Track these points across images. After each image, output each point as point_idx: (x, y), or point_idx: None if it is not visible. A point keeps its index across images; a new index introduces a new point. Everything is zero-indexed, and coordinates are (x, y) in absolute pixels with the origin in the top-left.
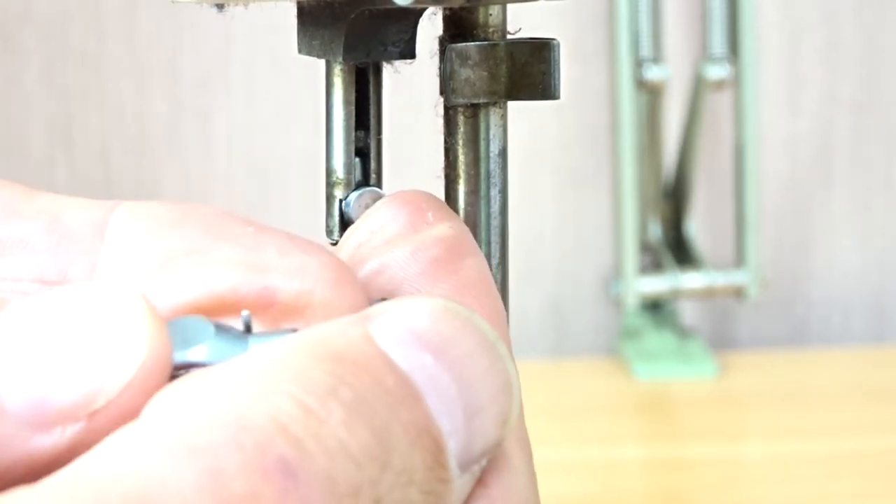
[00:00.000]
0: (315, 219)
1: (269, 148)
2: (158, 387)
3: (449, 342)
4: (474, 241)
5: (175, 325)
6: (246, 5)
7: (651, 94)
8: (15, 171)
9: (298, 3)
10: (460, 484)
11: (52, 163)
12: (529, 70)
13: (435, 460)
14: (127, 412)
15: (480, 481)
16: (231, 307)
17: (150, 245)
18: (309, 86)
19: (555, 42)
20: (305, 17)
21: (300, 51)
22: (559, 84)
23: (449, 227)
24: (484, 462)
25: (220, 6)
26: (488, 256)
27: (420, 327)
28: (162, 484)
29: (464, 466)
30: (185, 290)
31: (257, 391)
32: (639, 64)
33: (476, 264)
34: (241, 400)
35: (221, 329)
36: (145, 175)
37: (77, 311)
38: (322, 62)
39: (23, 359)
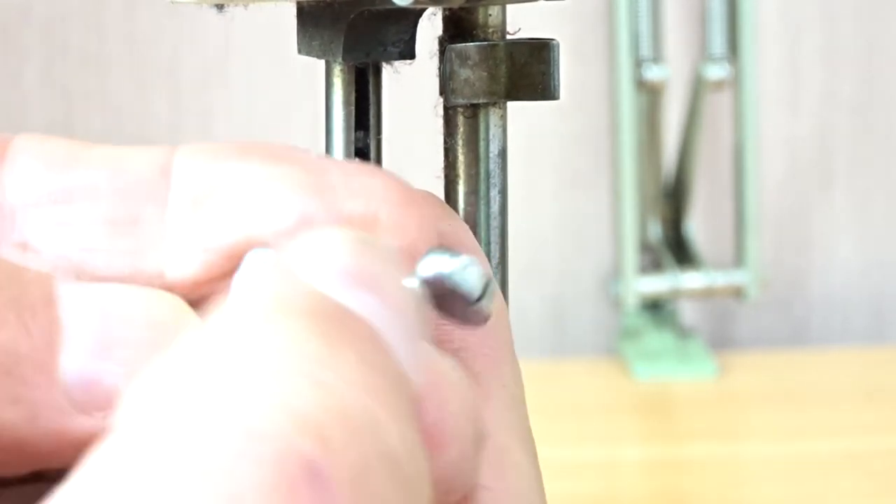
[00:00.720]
0: None
1: None
2: None
3: (379, 276)
4: (475, 240)
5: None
6: (246, 5)
7: (651, 94)
8: None
9: (298, 4)
10: None
11: None
12: (529, 70)
13: (410, 403)
14: None
15: (485, 485)
16: (298, 228)
17: (217, 176)
18: (309, 86)
19: (554, 42)
20: (305, 18)
21: (300, 51)
22: (559, 84)
23: (448, 226)
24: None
25: (220, 6)
26: (488, 256)
27: (348, 266)
28: None
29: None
30: (258, 214)
31: (257, 378)
32: (639, 64)
33: None
34: (240, 394)
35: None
36: None
37: (135, 313)
38: (322, 62)
39: (89, 337)
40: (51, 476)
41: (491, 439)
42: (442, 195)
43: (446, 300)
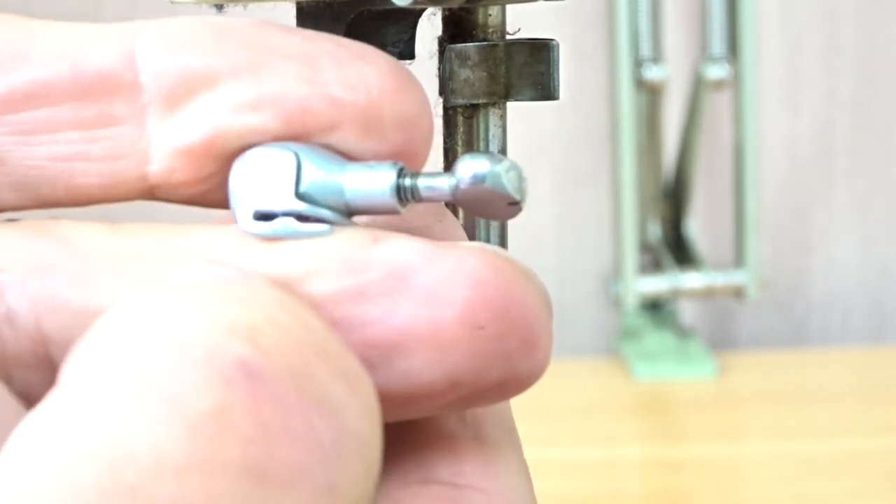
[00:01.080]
0: None
1: None
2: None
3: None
4: (465, 235)
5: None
6: (245, 5)
7: (651, 94)
8: None
9: (298, 4)
10: None
11: None
12: (529, 70)
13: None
14: None
15: (479, 487)
16: (299, 128)
17: (193, 67)
18: None
19: (554, 42)
20: (305, 18)
21: None
22: (559, 84)
23: (440, 222)
24: None
25: (220, 6)
26: None
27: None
28: (127, 434)
29: None
30: (250, 111)
31: (182, 304)
32: (638, 64)
33: None
34: (168, 319)
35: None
36: None
37: None
38: None
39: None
40: None
41: (481, 439)
42: None
43: (483, 199)
